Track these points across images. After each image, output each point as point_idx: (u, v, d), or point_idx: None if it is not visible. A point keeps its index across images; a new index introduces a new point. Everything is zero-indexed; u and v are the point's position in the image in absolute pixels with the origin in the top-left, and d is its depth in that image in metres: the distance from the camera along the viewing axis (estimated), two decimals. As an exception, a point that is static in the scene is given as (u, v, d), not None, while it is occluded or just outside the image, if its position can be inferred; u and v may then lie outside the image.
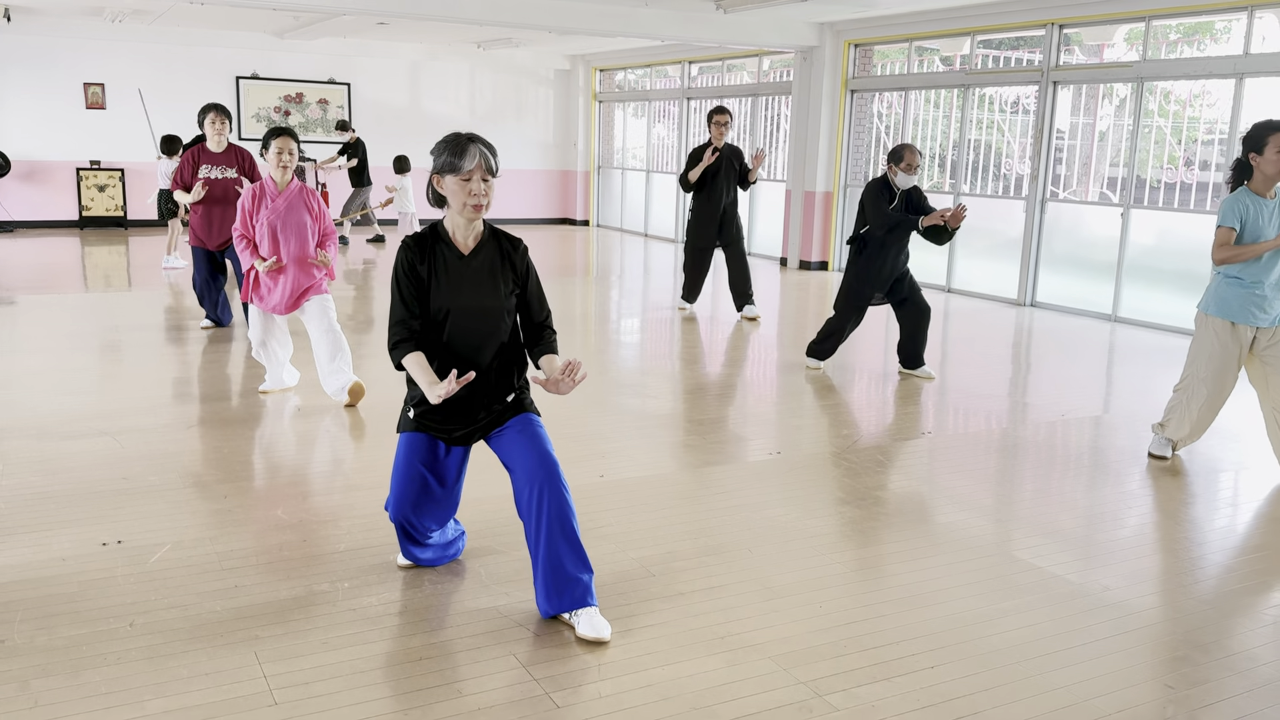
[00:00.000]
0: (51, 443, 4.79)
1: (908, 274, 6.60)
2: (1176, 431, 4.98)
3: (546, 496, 3.01)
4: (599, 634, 3.01)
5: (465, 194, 2.99)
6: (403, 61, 15.83)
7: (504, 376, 3.18)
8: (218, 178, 7.13)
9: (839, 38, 11.64)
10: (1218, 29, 9.10)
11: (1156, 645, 3.16)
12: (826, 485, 4.58)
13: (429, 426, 3.18)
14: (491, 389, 3.16)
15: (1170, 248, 9.05)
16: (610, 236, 15.78)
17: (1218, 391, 4.80)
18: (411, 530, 3.31)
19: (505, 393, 3.19)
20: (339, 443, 5.04)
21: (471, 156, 2.95)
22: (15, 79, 13.68)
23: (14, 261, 11.04)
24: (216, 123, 7.06)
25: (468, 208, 3.01)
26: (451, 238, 3.11)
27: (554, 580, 3.04)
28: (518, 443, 3.12)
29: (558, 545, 3.02)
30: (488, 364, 3.13)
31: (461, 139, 2.99)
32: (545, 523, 3.01)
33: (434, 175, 3.04)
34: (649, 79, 16.08)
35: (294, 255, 5.44)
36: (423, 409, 3.18)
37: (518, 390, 3.23)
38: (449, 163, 2.97)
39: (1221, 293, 4.71)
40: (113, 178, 14.21)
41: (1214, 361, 4.76)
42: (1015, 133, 10.55)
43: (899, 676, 2.90)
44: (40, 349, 6.87)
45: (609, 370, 6.84)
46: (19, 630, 2.99)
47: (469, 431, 3.18)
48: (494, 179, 3.02)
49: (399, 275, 3.07)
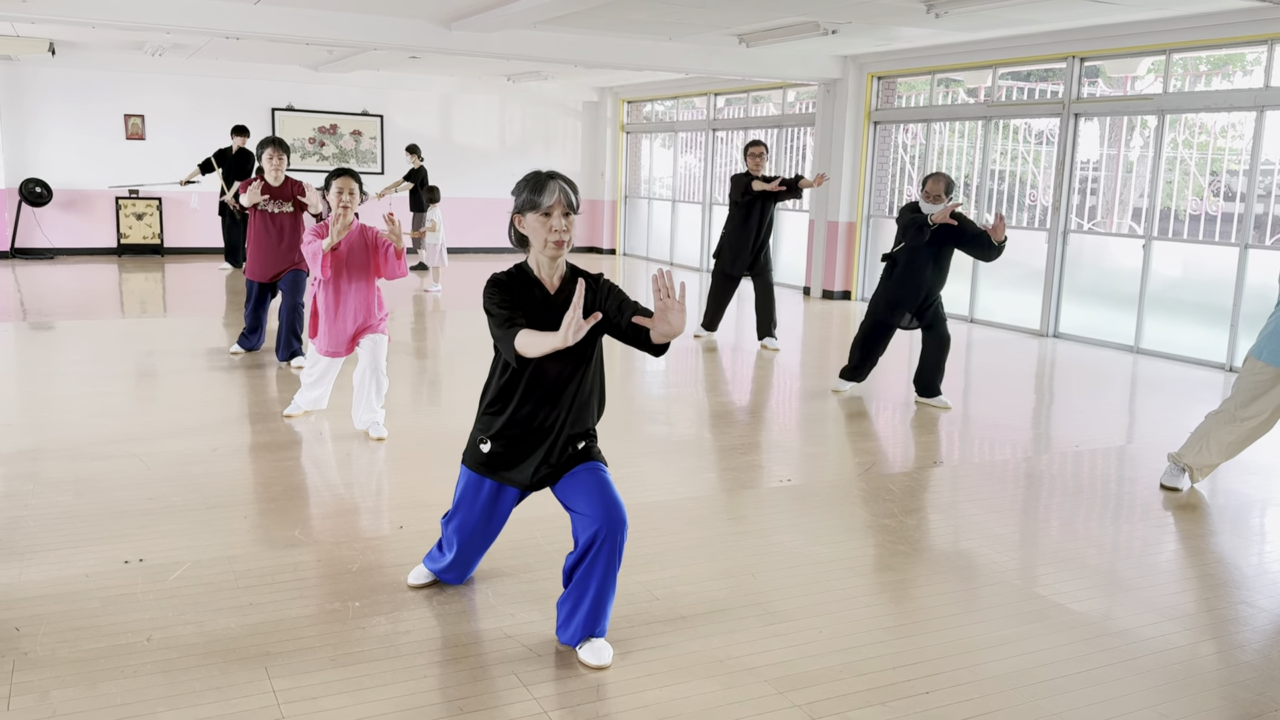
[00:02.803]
0: (82, 463, 4.94)
1: (938, 300, 6.66)
2: (1201, 458, 4.95)
3: (608, 544, 2.99)
4: (600, 660, 3.07)
5: (546, 230, 2.92)
6: (434, 94, 16.13)
7: (579, 421, 3.12)
8: (274, 212, 7.26)
9: (862, 70, 11.75)
10: (1248, 60, 9.11)
11: (1155, 674, 3.17)
12: (837, 513, 4.63)
13: (498, 468, 3.16)
14: (565, 432, 3.10)
15: (1193, 280, 9.03)
16: (636, 265, 15.93)
17: (1254, 430, 4.84)
18: (463, 561, 3.44)
19: (578, 439, 3.14)
20: (359, 467, 5.16)
21: (551, 192, 2.91)
22: (58, 110, 14.08)
23: (54, 287, 11.34)
24: (274, 158, 7.15)
25: (549, 244, 2.94)
26: (537, 275, 3.03)
27: (589, 617, 3.09)
28: (586, 485, 3.07)
29: (606, 590, 3.06)
30: (566, 407, 3.07)
31: (542, 176, 2.95)
32: (601, 568, 3.02)
33: (515, 215, 2.99)
34: (676, 110, 16.27)
35: (353, 299, 5.44)
36: (494, 447, 3.13)
37: (588, 438, 3.18)
38: (529, 200, 2.93)
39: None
40: (150, 206, 14.55)
41: (1255, 398, 4.79)
42: (1041, 164, 10.59)
43: (894, 701, 2.94)
44: (76, 373, 7.07)
45: (633, 397, 6.93)
46: (42, 643, 3.11)
47: (539, 477, 3.14)
48: (575, 215, 2.97)
49: (492, 299, 2.93)
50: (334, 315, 5.47)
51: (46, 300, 10.47)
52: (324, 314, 5.49)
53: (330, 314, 5.47)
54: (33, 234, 14.13)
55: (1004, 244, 6.37)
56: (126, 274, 12.87)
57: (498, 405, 3.11)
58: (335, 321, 5.48)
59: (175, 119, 14.61)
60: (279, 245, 7.28)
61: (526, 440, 3.11)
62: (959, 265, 10.97)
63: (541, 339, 2.73)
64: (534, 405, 3.06)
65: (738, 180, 8.70)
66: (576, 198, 2.98)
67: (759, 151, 8.62)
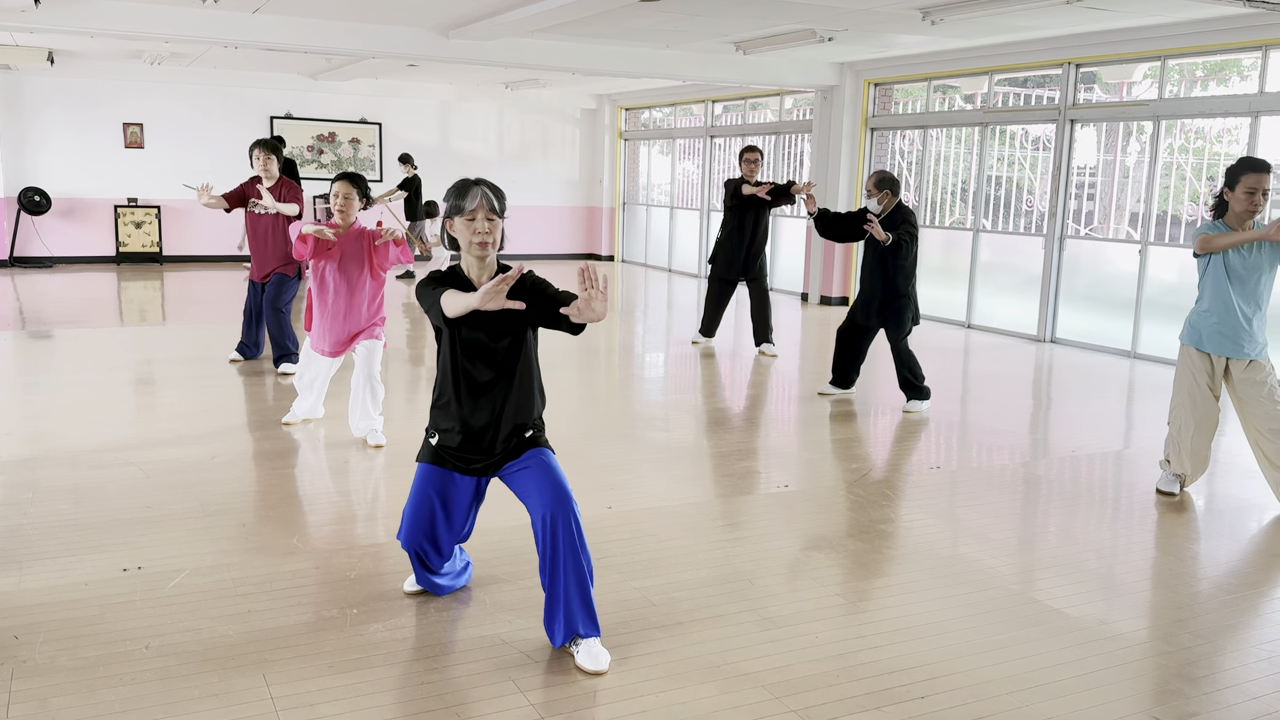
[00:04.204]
0: (81, 472, 4.95)
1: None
2: (1179, 466, 5.01)
3: (560, 526, 3.09)
4: (597, 665, 3.09)
5: (471, 232, 3.10)
6: (433, 101, 16.17)
7: (519, 414, 3.25)
8: (261, 213, 7.28)
9: (859, 77, 11.79)
10: (1245, 65, 9.14)
11: (1148, 678, 3.19)
12: (833, 518, 4.64)
13: (446, 459, 3.28)
14: (505, 425, 3.23)
15: (1190, 285, 9.03)
16: (635, 271, 15.95)
17: (1202, 420, 4.88)
18: (424, 557, 3.42)
19: (523, 429, 3.27)
20: (356, 475, 5.17)
21: (474, 197, 3.08)
22: (57, 119, 14.12)
23: (53, 296, 11.35)
24: (261, 158, 7.12)
25: (474, 245, 3.12)
26: (468, 275, 3.21)
27: (564, 609, 3.13)
28: (532, 475, 3.20)
29: (569, 575, 3.11)
30: (501, 403, 3.21)
31: (468, 183, 3.12)
32: (560, 552, 3.09)
33: (444, 220, 3.18)
34: (674, 117, 16.31)
35: (345, 298, 5.50)
36: (441, 440, 3.27)
37: (533, 426, 3.30)
38: (455, 205, 3.11)
39: (1193, 321, 4.87)
40: (149, 215, 14.58)
41: (1190, 391, 4.87)
42: (1038, 170, 10.62)
43: (889, 706, 2.95)
44: (76, 381, 7.08)
45: (629, 403, 6.94)
46: (41, 651, 3.12)
47: (485, 464, 3.27)
48: (500, 219, 3.14)
49: (425, 285, 3.14)
50: (325, 310, 5.54)
51: (45, 309, 10.48)
52: (316, 307, 5.57)
53: (322, 308, 5.54)
54: (32, 243, 14.15)
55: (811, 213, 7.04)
56: (125, 282, 12.89)
57: (443, 401, 3.27)
58: (325, 318, 5.55)
59: (174, 127, 14.64)
60: (265, 247, 7.33)
61: (469, 434, 3.23)
62: (957, 270, 11.04)
63: (462, 298, 2.97)
64: (473, 403, 3.21)
65: (729, 185, 8.75)
66: (501, 203, 3.14)
67: (753, 158, 8.65)
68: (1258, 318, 4.77)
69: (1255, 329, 4.76)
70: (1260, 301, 4.76)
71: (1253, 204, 4.62)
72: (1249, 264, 4.70)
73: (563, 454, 5.48)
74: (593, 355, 8.90)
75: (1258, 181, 4.60)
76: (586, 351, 8.95)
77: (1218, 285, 4.75)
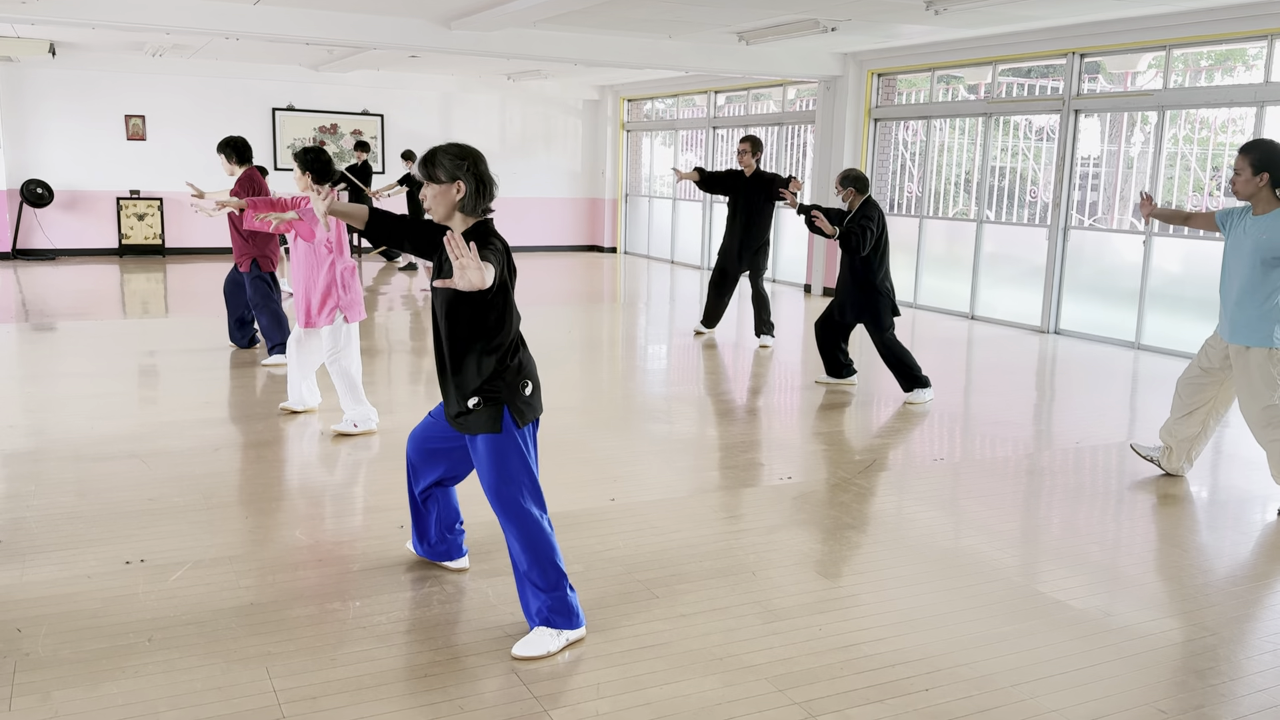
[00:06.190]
0: (84, 464, 4.95)
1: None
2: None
3: (505, 529, 3.22)
4: (529, 651, 3.12)
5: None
6: (435, 93, 16.13)
7: (460, 376, 3.18)
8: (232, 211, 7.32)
9: (862, 67, 11.74)
10: (1250, 55, 9.09)
11: (1154, 670, 3.18)
12: (837, 510, 4.63)
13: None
14: (451, 381, 3.22)
15: (1194, 275, 9.02)
16: (637, 263, 15.92)
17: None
18: (411, 469, 3.59)
19: (467, 395, 3.18)
20: (358, 467, 5.16)
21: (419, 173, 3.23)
22: (58, 111, 14.09)
23: (55, 288, 11.35)
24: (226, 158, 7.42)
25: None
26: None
27: (521, 596, 3.26)
28: (478, 468, 3.24)
29: (518, 567, 3.24)
30: (446, 356, 3.22)
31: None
32: (511, 549, 3.24)
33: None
34: (676, 108, 16.26)
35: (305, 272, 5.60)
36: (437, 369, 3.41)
37: (479, 395, 3.16)
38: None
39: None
40: (151, 207, 14.56)
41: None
42: (1041, 160, 10.58)
43: (893, 698, 2.94)
44: (78, 373, 7.08)
45: (632, 395, 6.93)
46: (43, 644, 3.11)
47: (454, 418, 3.26)
48: (437, 185, 3.16)
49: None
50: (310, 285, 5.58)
51: (48, 301, 10.48)
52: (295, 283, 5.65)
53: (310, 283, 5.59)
54: (34, 235, 14.14)
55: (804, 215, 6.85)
56: (128, 274, 12.88)
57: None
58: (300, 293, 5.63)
59: (176, 119, 14.61)
60: (238, 240, 7.47)
61: (442, 382, 3.30)
62: (961, 261, 11.01)
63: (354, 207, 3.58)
64: (438, 352, 3.29)
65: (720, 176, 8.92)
66: (434, 170, 3.17)
67: (744, 149, 8.67)
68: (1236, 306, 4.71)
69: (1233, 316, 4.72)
70: (1234, 291, 4.72)
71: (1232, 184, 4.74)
72: (1227, 249, 4.82)
73: (566, 446, 5.48)
74: (595, 347, 8.88)
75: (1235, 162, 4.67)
76: (589, 344, 8.94)
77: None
